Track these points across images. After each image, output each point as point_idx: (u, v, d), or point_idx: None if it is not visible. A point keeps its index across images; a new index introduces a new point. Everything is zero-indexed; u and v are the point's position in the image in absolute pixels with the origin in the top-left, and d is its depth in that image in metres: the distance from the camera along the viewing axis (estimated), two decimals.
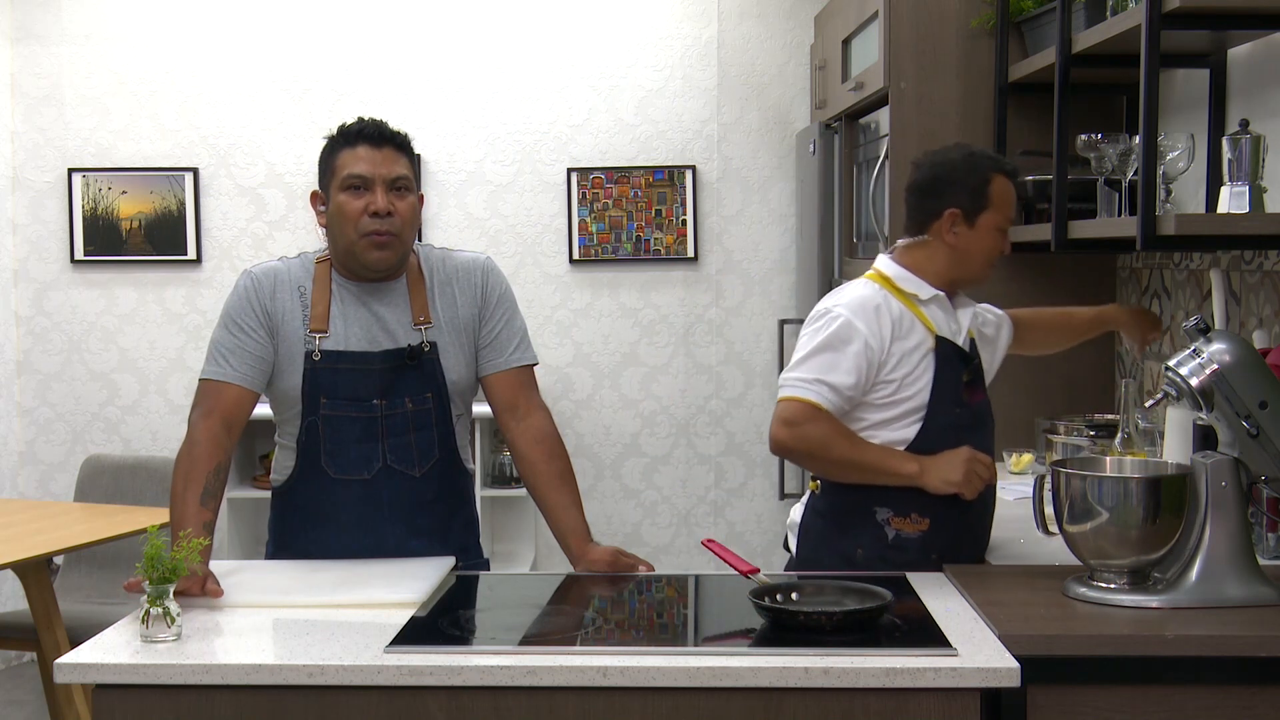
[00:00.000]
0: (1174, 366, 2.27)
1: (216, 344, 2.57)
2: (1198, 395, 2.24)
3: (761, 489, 5.38)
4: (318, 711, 1.99)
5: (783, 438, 2.55)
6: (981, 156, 2.67)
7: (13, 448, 5.35)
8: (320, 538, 2.59)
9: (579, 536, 2.59)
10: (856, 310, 2.57)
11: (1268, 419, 2.20)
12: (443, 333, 2.61)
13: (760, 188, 5.30)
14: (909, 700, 1.94)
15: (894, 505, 2.58)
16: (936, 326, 2.60)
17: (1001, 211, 2.63)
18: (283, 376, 2.57)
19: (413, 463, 2.59)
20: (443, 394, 2.60)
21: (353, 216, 2.52)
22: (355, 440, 2.56)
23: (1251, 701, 2.03)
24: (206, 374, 2.56)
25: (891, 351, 2.56)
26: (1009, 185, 2.65)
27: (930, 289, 2.62)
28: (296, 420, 2.58)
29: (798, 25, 5.25)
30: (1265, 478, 2.25)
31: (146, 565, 2.08)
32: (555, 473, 2.64)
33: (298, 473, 2.60)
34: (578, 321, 5.34)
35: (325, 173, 2.58)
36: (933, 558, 2.55)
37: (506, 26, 5.26)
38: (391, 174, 2.53)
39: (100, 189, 5.28)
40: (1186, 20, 2.81)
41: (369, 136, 2.54)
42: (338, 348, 2.55)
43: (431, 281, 2.63)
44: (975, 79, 3.88)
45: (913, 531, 2.57)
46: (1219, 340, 2.25)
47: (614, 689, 1.96)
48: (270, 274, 2.59)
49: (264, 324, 2.55)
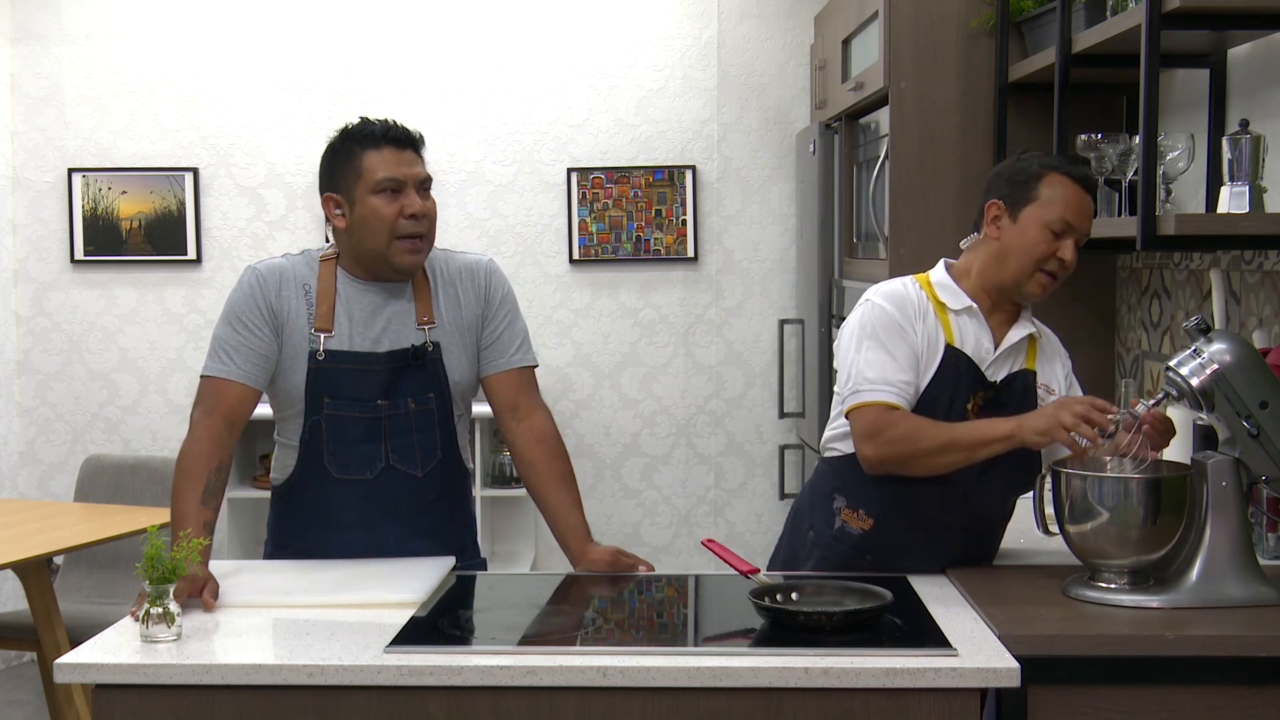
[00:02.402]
0: (1175, 366, 2.26)
1: (219, 340, 2.54)
2: (1198, 395, 2.24)
3: (761, 489, 5.37)
4: (318, 711, 1.99)
5: (870, 455, 2.40)
6: (1043, 155, 2.51)
7: (13, 448, 5.35)
8: (321, 537, 2.59)
9: (579, 536, 2.59)
10: (887, 296, 2.48)
11: (1268, 419, 2.20)
12: (446, 333, 2.60)
13: (760, 188, 5.30)
14: (909, 700, 1.94)
15: (849, 496, 2.50)
16: (957, 337, 2.46)
17: (1051, 209, 2.40)
18: (286, 375, 2.55)
19: (415, 463, 2.59)
20: (445, 394, 2.59)
21: (389, 220, 2.50)
22: (358, 440, 2.55)
23: (1252, 701, 2.03)
24: (209, 371, 2.53)
25: (921, 340, 2.45)
26: (1068, 185, 2.42)
27: (965, 300, 2.48)
28: (299, 419, 2.57)
29: (798, 25, 5.25)
30: (1266, 477, 2.25)
31: (146, 565, 2.08)
32: (556, 473, 2.64)
33: (299, 472, 2.60)
34: (578, 321, 5.34)
35: (347, 175, 2.53)
36: (866, 559, 2.48)
37: (506, 26, 5.26)
38: (420, 175, 2.54)
39: (100, 189, 5.27)
40: (1186, 20, 2.81)
41: (395, 139, 2.53)
42: (342, 347, 2.54)
43: (436, 282, 2.63)
44: (975, 79, 3.88)
45: (855, 528, 2.50)
46: (1219, 340, 2.25)
47: (614, 689, 1.96)
48: (275, 270, 2.57)
49: (268, 321, 2.53)
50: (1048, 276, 2.44)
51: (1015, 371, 2.51)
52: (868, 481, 2.47)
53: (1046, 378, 2.54)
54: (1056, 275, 2.45)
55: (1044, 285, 2.45)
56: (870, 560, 2.48)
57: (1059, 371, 2.57)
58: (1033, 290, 2.46)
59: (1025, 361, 2.52)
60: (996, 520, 2.56)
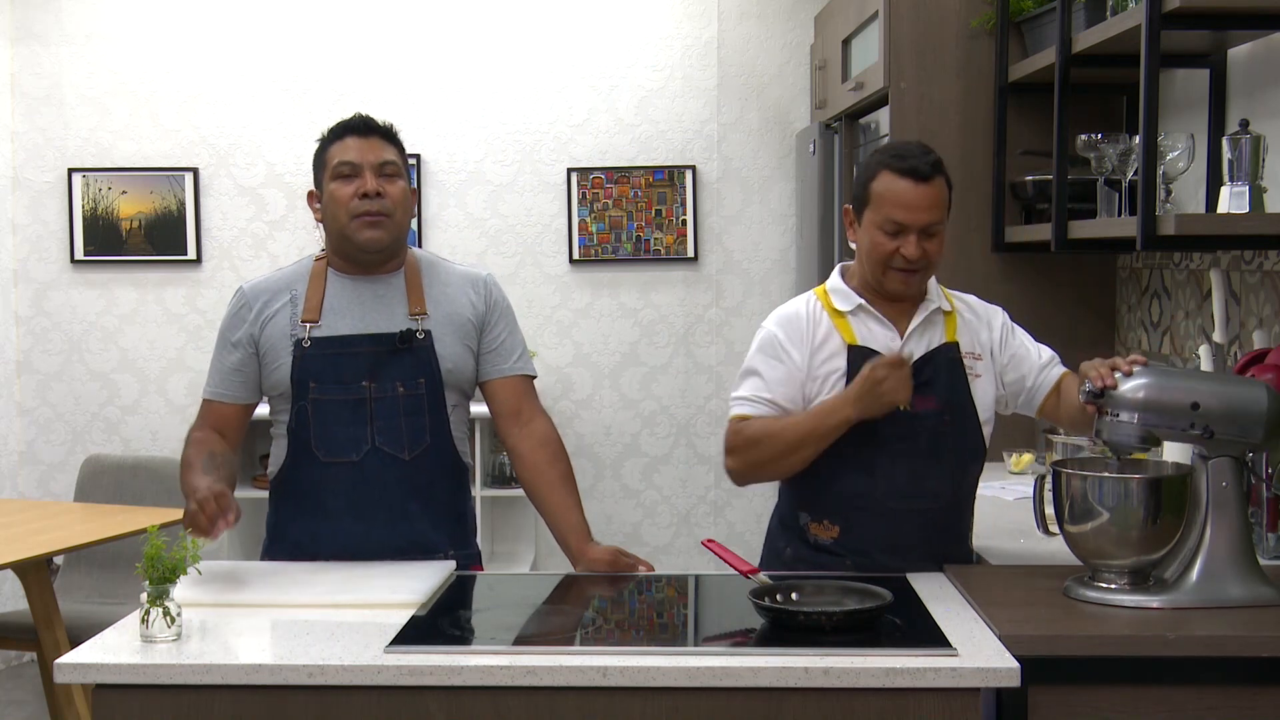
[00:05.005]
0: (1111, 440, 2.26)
1: (213, 362, 2.70)
2: (1140, 446, 2.27)
3: (761, 489, 5.34)
4: (318, 711, 1.99)
5: (730, 468, 2.58)
6: (883, 149, 2.56)
7: (13, 448, 5.35)
8: (311, 526, 2.61)
9: (579, 536, 2.60)
10: (777, 319, 2.60)
11: (1205, 413, 2.21)
12: (439, 324, 2.63)
13: (760, 188, 5.30)
14: (909, 700, 1.94)
15: (811, 511, 2.59)
16: (857, 336, 2.53)
17: (880, 210, 2.46)
18: (273, 373, 2.62)
19: (401, 445, 2.60)
20: (436, 381, 2.61)
21: (344, 200, 2.58)
22: (344, 422, 2.59)
23: (1252, 701, 2.03)
24: (205, 392, 2.71)
25: (811, 359, 2.54)
26: (895, 181, 2.45)
27: (854, 299, 2.55)
28: (288, 408, 2.63)
29: (798, 25, 5.25)
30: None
31: (146, 565, 2.09)
32: (558, 475, 2.66)
33: (289, 460, 2.64)
34: (578, 321, 5.34)
35: (318, 168, 2.65)
36: (846, 562, 2.52)
37: (506, 26, 5.26)
38: (379, 159, 2.60)
39: (100, 189, 5.27)
40: (1186, 20, 2.81)
41: (355, 128, 2.63)
42: (327, 334, 2.60)
43: (430, 280, 2.67)
44: (975, 79, 3.88)
45: (826, 537, 2.56)
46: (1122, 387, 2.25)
47: (614, 689, 1.96)
48: (261, 288, 2.68)
49: (250, 337, 2.64)
50: (902, 272, 2.49)
51: (935, 348, 2.54)
52: (825, 492, 2.55)
53: (971, 346, 2.58)
54: (913, 270, 2.48)
55: (903, 281, 2.50)
56: (850, 562, 2.52)
57: (986, 335, 2.60)
58: (893, 287, 2.52)
59: (945, 336, 2.57)
60: (960, 495, 2.58)
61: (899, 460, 2.49)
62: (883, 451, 2.49)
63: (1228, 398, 2.22)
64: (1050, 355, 2.62)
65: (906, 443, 2.50)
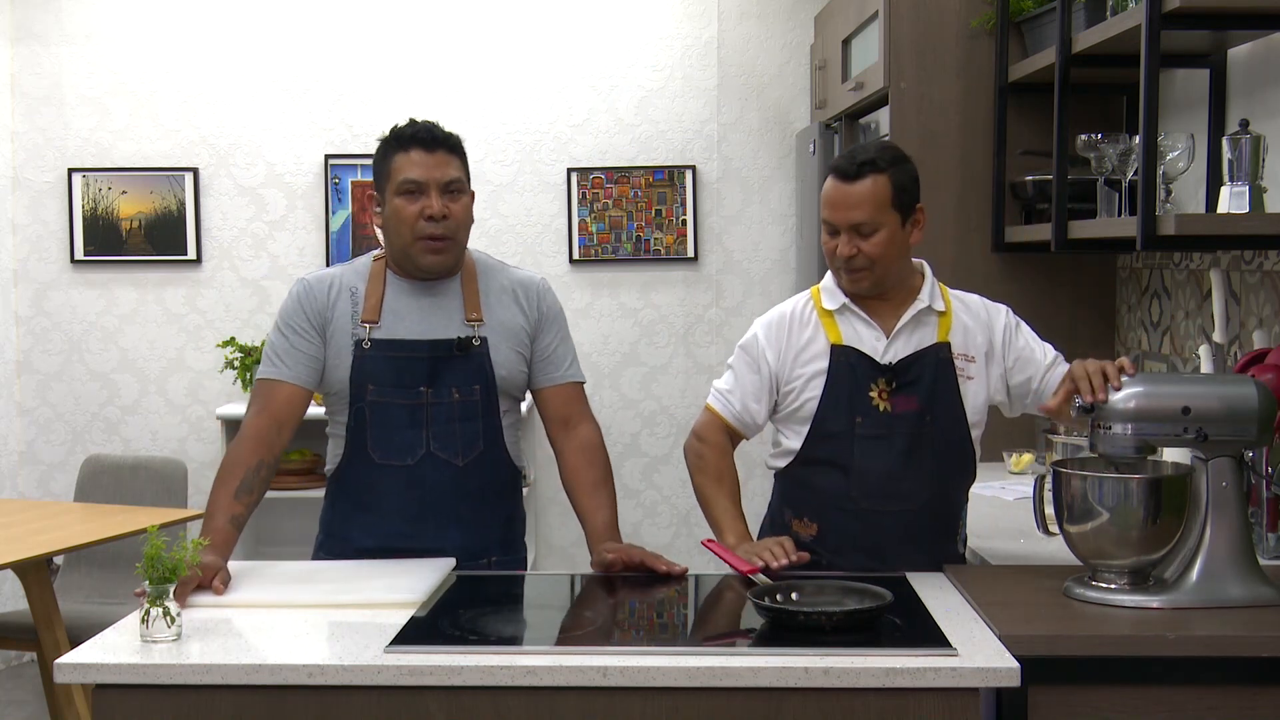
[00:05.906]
0: (1109, 455, 2.27)
1: (270, 346, 2.65)
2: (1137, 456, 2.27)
3: (761, 489, 5.33)
4: (318, 711, 1.99)
5: (685, 445, 2.77)
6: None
7: (13, 448, 5.35)
8: (364, 523, 2.63)
9: (598, 536, 2.62)
10: (765, 323, 2.64)
11: (1196, 419, 2.21)
12: (494, 331, 2.65)
13: (760, 188, 5.30)
14: (909, 700, 1.94)
15: (793, 508, 2.64)
16: (843, 335, 2.56)
17: (822, 210, 2.57)
18: (333, 370, 2.62)
19: (456, 451, 2.61)
20: (490, 388, 2.63)
21: (409, 220, 2.57)
22: (400, 426, 2.60)
23: (1252, 702, 2.03)
24: (260, 374, 2.64)
25: (792, 361, 2.57)
26: (828, 182, 2.55)
27: (840, 298, 2.58)
28: (346, 408, 2.63)
29: (798, 25, 5.25)
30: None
31: (146, 565, 2.09)
32: (591, 479, 2.69)
33: (346, 459, 2.66)
34: (578, 321, 5.33)
35: (380, 175, 2.62)
36: (823, 563, 2.53)
37: (507, 27, 5.26)
38: (445, 177, 2.58)
39: (100, 189, 5.27)
40: (1186, 20, 2.81)
41: (421, 140, 2.59)
42: (387, 337, 2.60)
43: (487, 286, 2.68)
44: (975, 79, 3.88)
45: (806, 535, 2.59)
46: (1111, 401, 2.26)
47: (614, 689, 1.96)
48: (323, 279, 2.67)
49: (314, 325, 2.62)
50: (848, 272, 2.55)
51: (924, 348, 2.55)
52: (804, 490, 2.60)
53: (965, 347, 2.58)
54: (857, 269, 2.53)
55: (850, 280, 2.56)
56: (825, 562, 2.53)
57: (984, 337, 2.60)
58: (844, 286, 2.58)
59: (936, 336, 2.57)
60: (942, 499, 2.57)
61: (873, 461, 2.51)
62: (857, 451, 2.51)
63: (1218, 399, 2.23)
64: (1054, 354, 2.62)
65: (883, 443, 2.51)
